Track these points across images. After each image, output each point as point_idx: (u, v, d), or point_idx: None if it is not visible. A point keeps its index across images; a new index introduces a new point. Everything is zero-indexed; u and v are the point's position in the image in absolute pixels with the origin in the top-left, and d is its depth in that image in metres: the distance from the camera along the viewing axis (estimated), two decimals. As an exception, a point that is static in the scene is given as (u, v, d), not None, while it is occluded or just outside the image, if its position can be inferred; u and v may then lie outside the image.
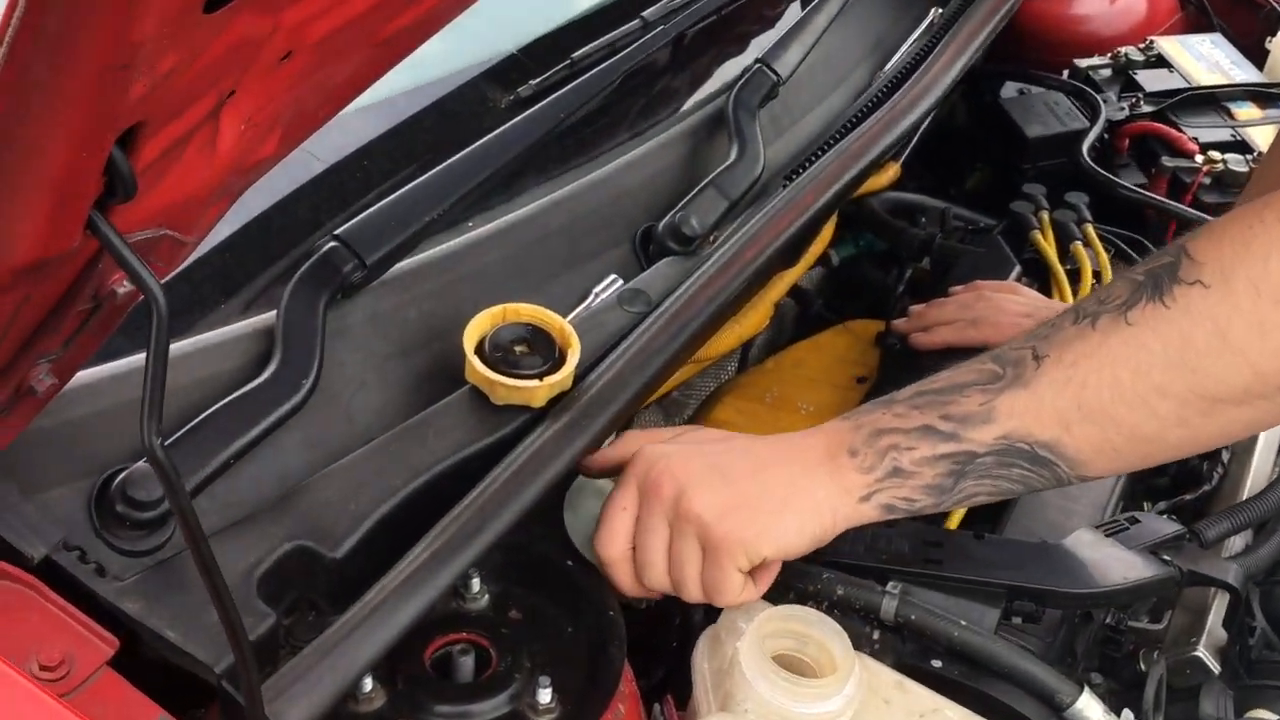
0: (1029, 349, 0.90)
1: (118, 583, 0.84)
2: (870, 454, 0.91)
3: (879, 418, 0.93)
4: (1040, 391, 0.87)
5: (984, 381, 0.90)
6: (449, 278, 1.06)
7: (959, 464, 0.89)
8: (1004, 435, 0.88)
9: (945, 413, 0.90)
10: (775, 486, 0.91)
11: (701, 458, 0.94)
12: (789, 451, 0.94)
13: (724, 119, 1.25)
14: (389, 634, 0.81)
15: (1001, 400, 0.88)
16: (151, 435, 0.63)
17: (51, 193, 0.56)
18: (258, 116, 0.74)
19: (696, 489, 0.91)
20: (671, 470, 0.92)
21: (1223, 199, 1.66)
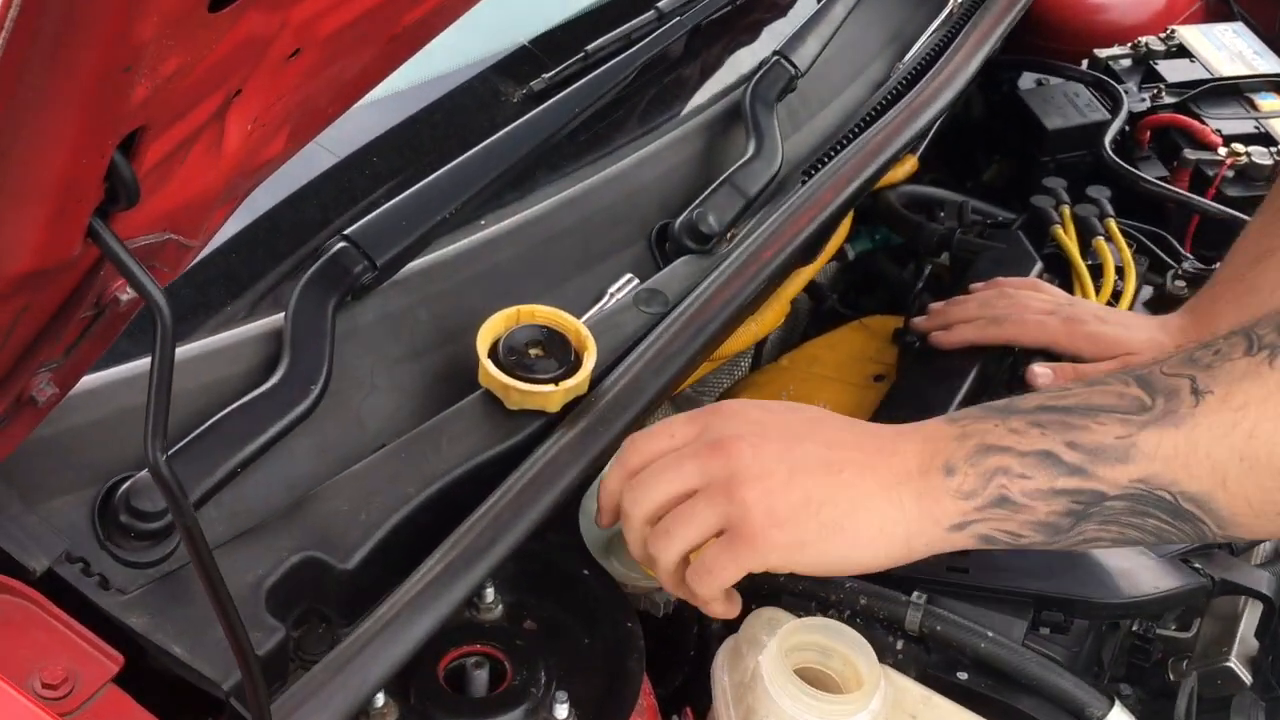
0: (1187, 379, 0.76)
1: (122, 596, 0.81)
2: (972, 475, 0.78)
3: (991, 429, 0.80)
4: (1196, 435, 0.74)
5: (1126, 409, 0.77)
6: (461, 277, 1.03)
7: (1082, 504, 0.77)
8: (1143, 479, 0.75)
9: (1073, 439, 0.77)
10: (842, 499, 0.81)
11: (779, 441, 0.84)
12: (875, 456, 0.83)
13: (741, 113, 1.22)
14: (402, 650, 0.79)
15: (1145, 436, 0.75)
16: (155, 451, 0.60)
17: (50, 201, 0.54)
18: (265, 116, 0.72)
19: (757, 476, 0.82)
20: (742, 442, 0.83)
21: (1246, 192, 1.62)
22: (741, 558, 0.84)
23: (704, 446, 0.85)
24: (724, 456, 0.83)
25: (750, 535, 0.82)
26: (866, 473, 0.82)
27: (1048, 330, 1.28)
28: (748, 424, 0.85)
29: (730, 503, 0.83)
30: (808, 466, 0.82)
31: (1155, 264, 1.49)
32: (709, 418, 0.87)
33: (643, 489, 0.86)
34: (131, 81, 0.49)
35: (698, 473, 0.84)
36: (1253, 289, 1.20)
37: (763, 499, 0.82)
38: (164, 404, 0.61)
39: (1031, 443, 0.78)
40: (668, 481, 0.85)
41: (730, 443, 0.84)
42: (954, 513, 0.79)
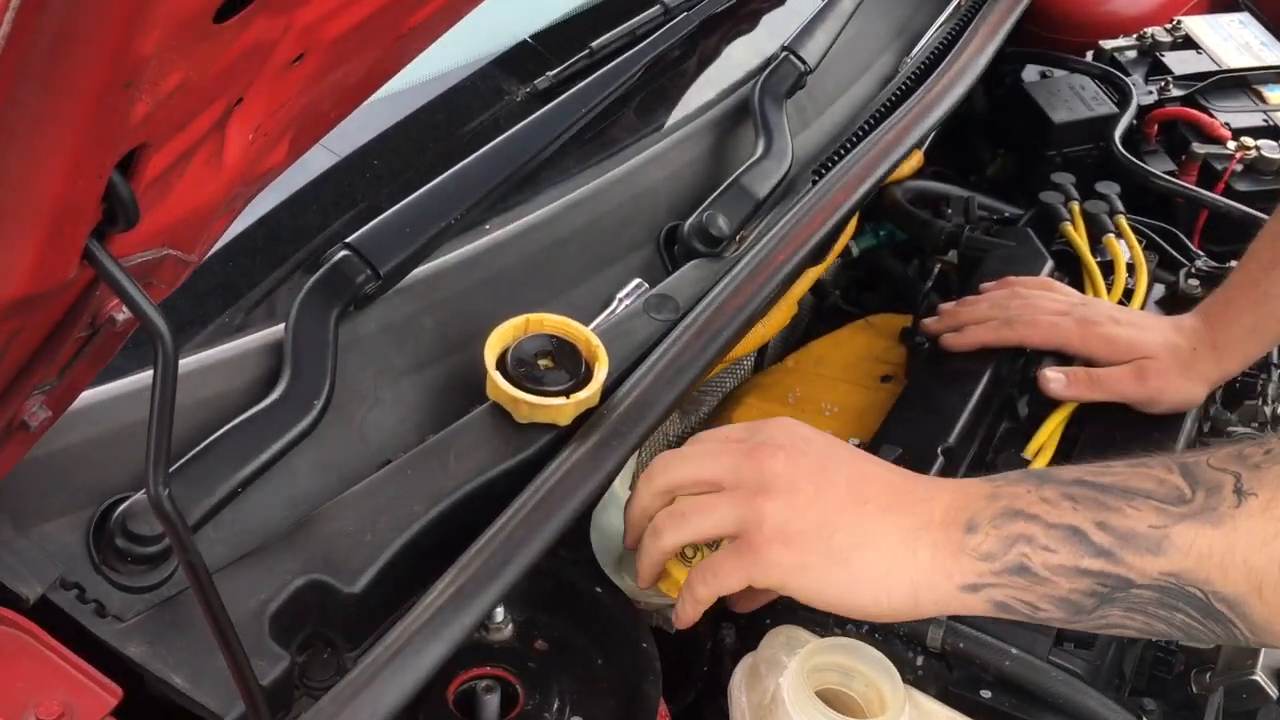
0: (1232, 476, 0.73)
1: (119, 623, 0.78)
2: (994, 537, 0.76)
3: (1022, 494, 0.77)
4: (1235, 538, 0.71)
5: (1164, 497, 0.73)
6: (465, 284, 1.00)
7: (1106, 587, 0.73)
8: (1173, 573, 0.72)
9: (1104, 519, 0.73)
10: (857, 531, 0.78)
11: (815, 461, 0.82)
12: (902, 498, 0.80)
13: (749, 110, 1.18)
14: (413, 679, 0.76)
15: (1181, 530, 0.72)
16: (157, 485, 0.57)
17: (45, 224, 0.50)
18: (267, 124, 0.68)
19: (782, 489, 0.80)
20: (780, 452, 0.82)
21: (1255, 186, 1.60)
22: (745, 566, 0.82)
23: (744, 448, 0.84)
24: (758, 462, 0.82)
25: (757, 546, 0.81)
26: (890, 513, 0.79)
27: (1061, 332, 1.25)
28: (793, 438, 0.84)
29: (750, 508, 0.81)
30: (834, 492, 0.80)
31: (1165, 261, 1.46)
32: (761, 424, 0.87)
33: (677, 462, 0.85)
34: (132, 98, 0.46)
35: (730, 468, 0.83)
36: (1268, 295, 1.18)
37: (780, 512, 0.80)
38: (165, 434, 0.57)
39: (1061, 516, 0.75)
40: (699, 464, 0.84)
41: (768, 450, 0.83)
42: (969, 572, 0.76)
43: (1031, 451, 1.20)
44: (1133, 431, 1.22)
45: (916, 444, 1.14)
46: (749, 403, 1.38)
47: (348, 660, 0.84)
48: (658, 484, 0.87)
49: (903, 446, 1.12)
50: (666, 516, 0.85)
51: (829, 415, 1.36)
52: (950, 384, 1.25)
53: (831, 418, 1.36)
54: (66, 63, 0.42)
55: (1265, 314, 1.19)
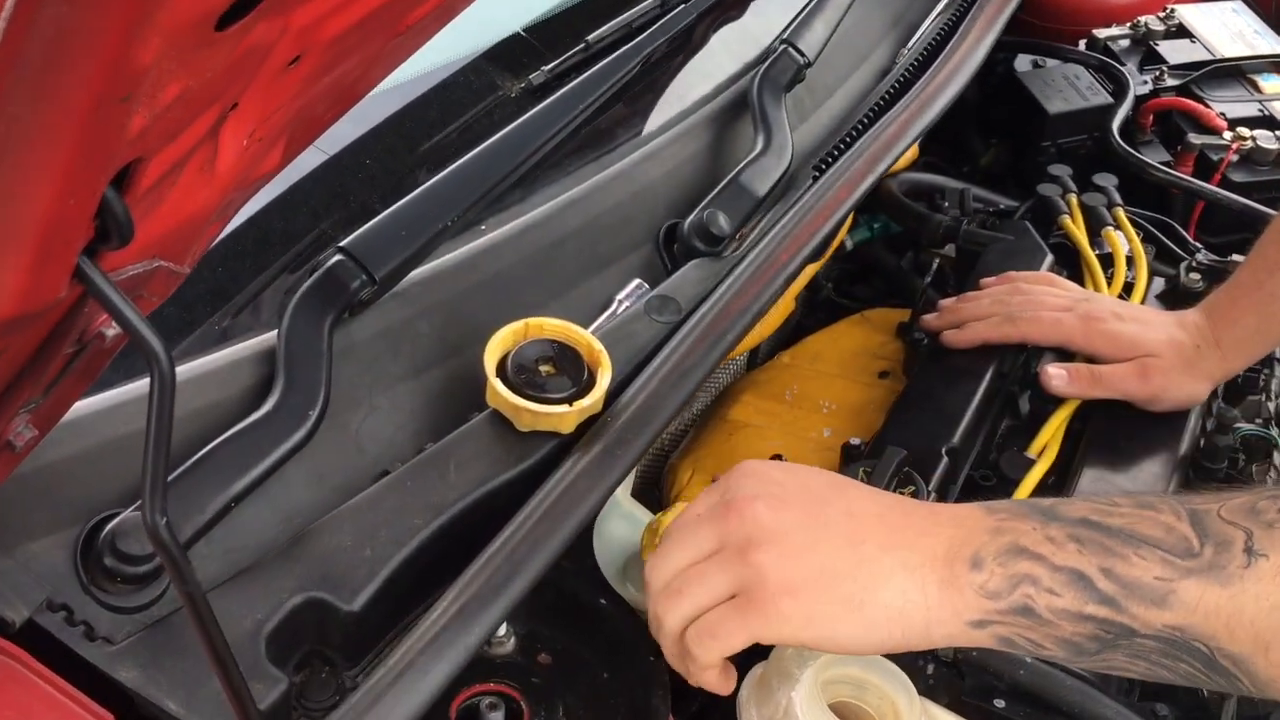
0: (1243, 532, 0.71)
1: (110, 646, 0.75)
2: (999, 575, 0.74)
3: (1027, 531, 0.75)
4: (1242, 600, 0.69)
5: (1171, 548, 0.71)
6: (461, 287, 0.97)
7: (1110, 633, 0.72)
8: (1178, 627, 0.70)
9: (1110, 566, 0.72)
10: (862, 574, 0.75)
11: (799, 505, 0.79)
12: (900, 533, 0.77)
13: (748, 104, 1.16)
14: (417, 701, 0.73)
15: (1187, 586, 0.70)
16: (154, 513, 0.54)
17: (34, 244, 0.47)
18: (262, 129, 0.65)
19: (772, 539, 0.77)
20: (758, 502, 0.78)
21: (1251, 177, 1.58)
22: (751, 624, 0.78)
23: (720, 508, 0.80)
24: (739, 517, 0.78)
25: (761, 602, 0.77)
26: (890, 550, 0.76)
27: (1064, 329, 1.23)
28: (766, 484, 0.80)
29: (744, 565, 0.77)
30: (828, 535, 0.77)
31: (1162, 253, 1.45)
32: (727, 480, 0.82)
33: (660, 557, 0.82)
34: (129, 112, 0.43)
35: (713, 536, 0.79)
36: (1273, 296, 1.17)
37: (777, 563, 0.77)
38: (163, 460, 0.54)
39: (1065, 558, 0.73)
40: (683, 547, 0.81)
41: (746, 503, 0.79)
42: (976, 609, 0.74)
43: (1035, 450, 1.18)
44: (1136, 429, 1.21)
45: (920, 445, 1.12)
46: (745, 400, 1.36)
47: (346, 679, 0.82)
48: (656, 591, 0.82)
49: (906, 448, 1.10)
50: (665, 600, 0.81)
51: (827, 412, 1.34)
52: (952, 382, 1.23)
53: (830, 415, 1.34)
54: (60, 75, 0.39)
55: (1270, 315, 1.18)
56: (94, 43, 0.39)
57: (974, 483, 1.16)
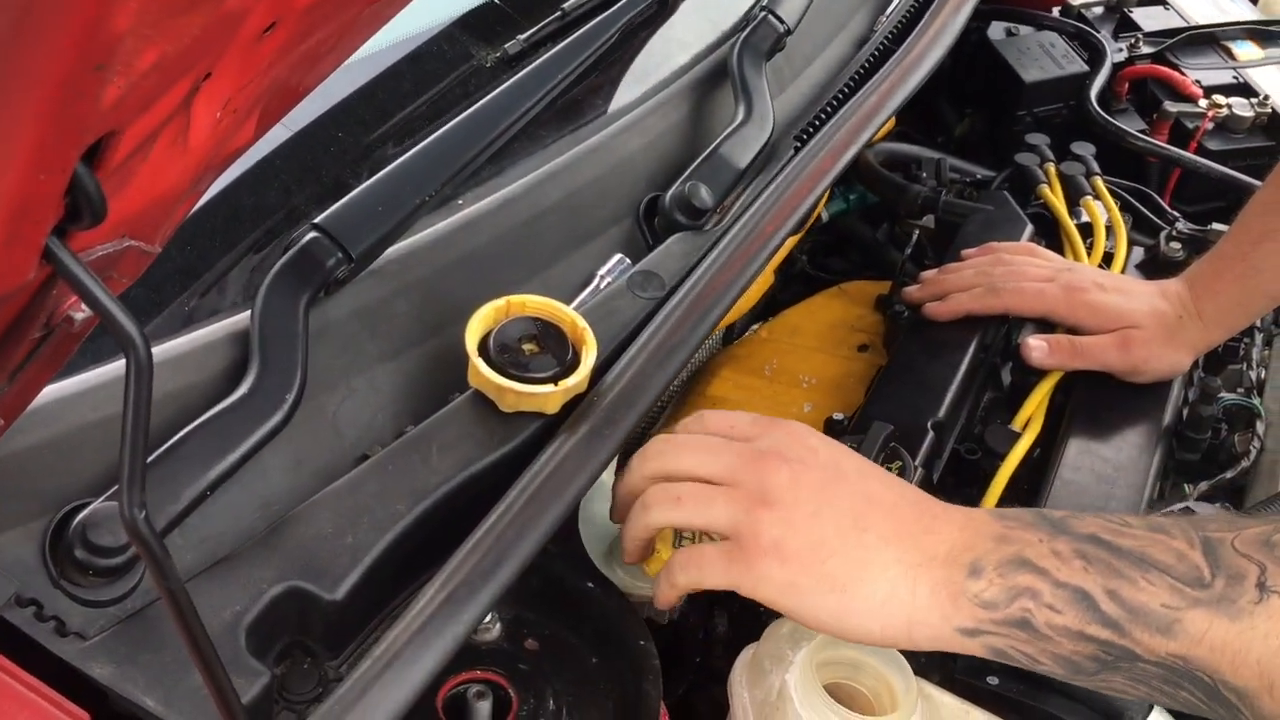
0: (1256, 567, 0.69)
1: (82, 641, 0.72)
2: (997, 585, 0.72)
3: (1034, 543, 0.73)
4: (1250, 637, 0.67)
5: (1181, 576, 0.70)
6: (439, 264, 0.94)
7: (1111, 656, 0.71)
8: (1182, 657, 0.69)
9: (1115, 588, 0.70)
10: (855, 558, 0.75)
11: (820, 476, 0.78)
12: (907, 526, 0.76)
13: (728, 73, 1.13)
14: (405, 692, 0.71)
15: (1195, 617, 0.69)
16: (133, 508, 0.51)
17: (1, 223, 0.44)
18: (236, 100, 0.62)
19: (783, 502, 0.76)
20: (785, 464, 0.78)
21: (1226, 145, 1.58)
22: (733, 572, 0.78)
23: (750, 450, 0.80)
24: (762, 468, 0.78)
25: (751, 557, 0.77)
26: (892, 541, 0.75)
27: (1047, 299, 1.22)
28: (801, 448, 0.80)
29: (747, 515, 0.78)
30: (834, 514, 0.77)
31: (1140, 222, 1.44)
32: (771, 428, 0.82)
33: (675, 449, 0.82)
34: (103, 81, 0.40)
35: (731, 469, 0.79)
36: (1255, 269, 1.16)
37: (777, 526, 0.76)
38: (140, 451, 0.51)
39: (1071, 575, 0.71)
40: (700, 458, 0.81)
41: (774, 459, 0.79)
42: (968, 617, 0.73)
43: (1019, 423, 1.17)
44: (1119, 399, 1.20)
45: (905, 419, 1.11)
46: (724, 375, 1.34)
47: (329, 670, 0.79)
48: (652, 467, 0.83)
49: (891, 422, 1.08)
50: (661, 493, 0.81)
51: (807, 387, 1.33)
52: (935, 355, 1.22)
53: (810, 389, 1.32)
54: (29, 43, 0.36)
55: (1251, 287, 1.17)
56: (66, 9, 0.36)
57: (959, 456, 1.15)
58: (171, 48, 0.43)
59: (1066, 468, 1.12)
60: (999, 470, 1.11)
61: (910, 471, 1.05)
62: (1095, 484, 1.11)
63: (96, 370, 0.78)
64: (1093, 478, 1.12)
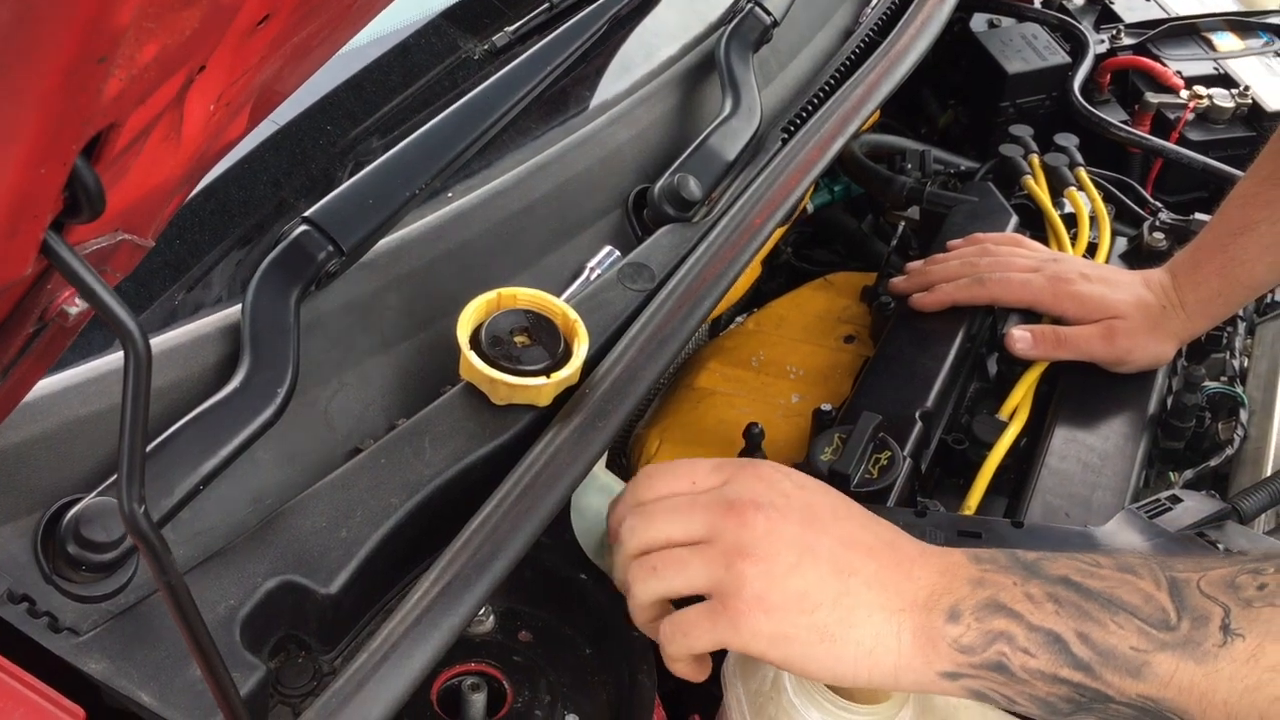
0: (1221, 609, 0.70)
1: (76, 637, 0.72)
2: (974, 631, 0.73)
3: (1008, 586, 0.74)
4: (1216, 680, 0.68)
5: (1148, 618, 0.71)
6: (429, 257, 0.94)
7: (1084, 697, 0.71)
8: (1152, 698, 0.70)
9: (1086, 631, 0.71)
10: (841, 607, 0.74)
11: (798, 523, 0.78)
12: (888, 571, 0.76)
13: (715, 65, 1.13)
14: (401, 686, 0.71)
15: (1162, 660, 0.70)
16: (132, 503, 0.51)
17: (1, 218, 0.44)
18: (229, 94, 0.62)
19: (763, 554, 0.76)
20: (760, 512, 0.77)
21: (1207, 136, 1.59)
22: (720, 631, 0.77)
23: (721, 502, 0.78)
24: (737, 521, 0.77)
25: (735, 613, 0.76)
26: (874, 587, 0.76)
27: (1033, 290, 1.23)
28: (772, 493, 0.79)
29: (727, 571, 0.77)
30: (816, 560, 0.76)
31: (1123, 213, 1.45)
32: (736, 472, 0.81)
33: (645, 520, 0.80)
34: (106, 74, 0.40)
35: (706, 526, 0.78)
36: (1235, 260, 1.17)
37: (760, 579, 0.76)
38: (139, 446, 0.51)
39: (1043, 619, 0.72)
40: (672, 523, 0.79)
41: (748, 508, 0.77)
42: (948, 662, 0.73)
43: (1006, 413, 1.18)
44: (1105, 389, 1.21)
45: (893, 409, 1.11)
46: (712, 367, 1.34)
47: (324, 664, 0.79)
48: (629, 548, 0.81)
49: (879, 412, 1.09)
50: (638, 569, 0.80)
51: (794, 378, 1.33)
52: (922, 346, 1.22)
53: (797, 380, 1.33)
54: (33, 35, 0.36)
55: (1232, 278, 1.18)
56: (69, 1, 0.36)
57: (946, 446, 1.16)
58: (171, 41, 0.43)
59: (1053, 456, 1.13)
60: (986, 460, 1.11)
61: (899, 461, 1.05)
62: (1081, 473, 1.12)
63: (88, 364, 0.77)
64: (1079, 467, 1.13)
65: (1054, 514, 1.07)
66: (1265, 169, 1.18)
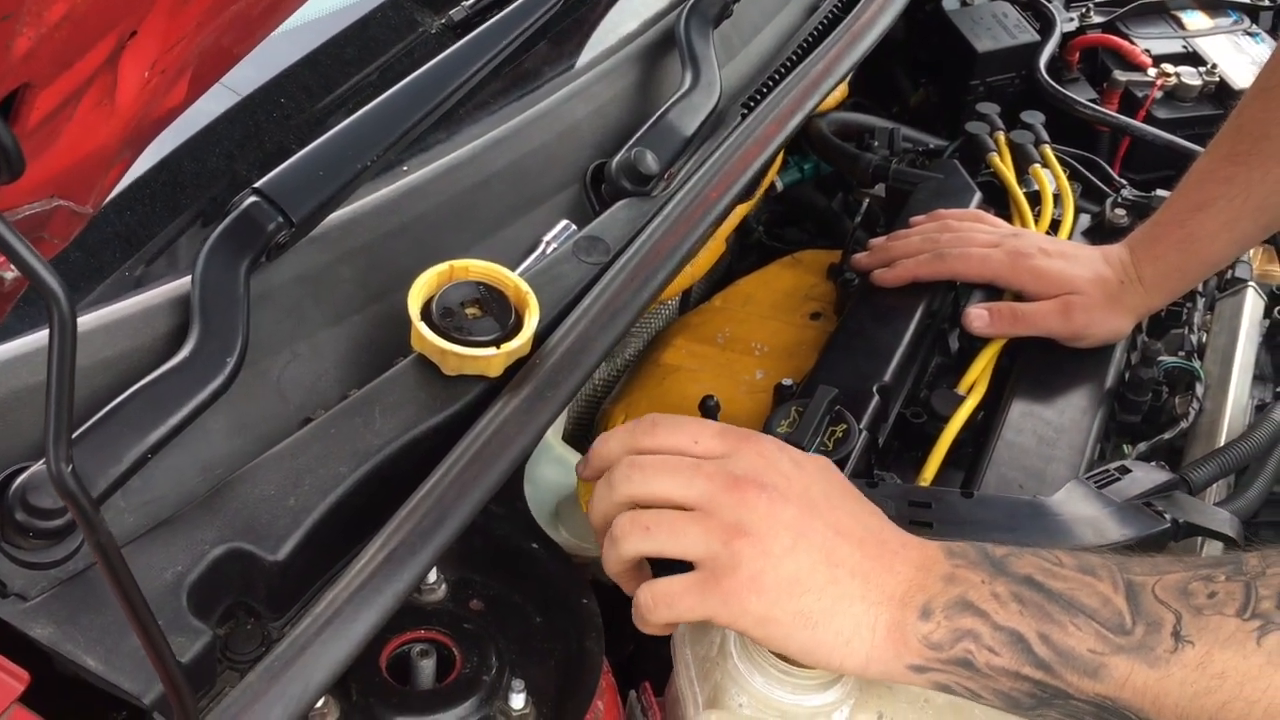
0: (1173, 615, 0.73)
1: (23, 602, 0.73)
2: (943, 628, 0.75)
3: (977, 584, 0.76)
4: (1168, 684, 0.71)
5: (1104, 621, 0.73)
6: (383, 230, 0.94)
7: (1045, 693, 0.74)
8: (1109, 698, 0.73)
9: (1047, 632, 0.74)
10: (827, 595, 0.76)
11: (797, 508, 0.79)
12: (872, 563, 0.78)
13: (675, 40, 1.14)
14: (345, 649, 0.71)
15: (1117, 663, 0.72)
16: (59, 460, 0.52)
17: (-86, 178, 0.44)
18: (164, 60, 0.62)
19: (760, 535, 0.77)
20: (762, 492, 0.78)
21: (1175, 114, 1.60)
22: (709, 605, 0.78)
23: (724, 475, 0.80)
24: (739, 498, 0.78)
25: (727, 591, 0.77)
26: (858, 579, 0.77)
27: (991, 265, 1.24)
28: (775, 474, 0.80)
29: (724, 547, 0.78)
30: (809, 546, 0.78)
31: (1089, 190, 1.46)
32: (742, 445, 0.82)
33: (643, 473, 0.81)
34: (12, 32, 0.40)
35: (706, 496, 0.79)
36: (1193, 236, 1.18)
37: (755, 560, 0.77)
38: (66, 405, 0.52)
39: (1007, 618, 0.75)
40: (672, 483, 0.80)
41: (751, 487, 0.79)
42: (917, 656, 0.76)
43: (964, 387, 1.19)
44: (1064, 363, 1.22)
45: (851, 384, 1.12)
46: (678, 344, 1.35)
47: (273, 630, 0.80)
48: (620, 494, 0.82)
49: (837, 387, 1.10)
50: (630, 522, 0.81)
51: (759, 354, 1.34)
52: (882, 321, 1.23)
53: (762, 357, 1.34)
54: (-71, -9, 0.37)
55: (1190, 254, 1.19)
56: (-34, -44, 0.37)
57: (905, 420, 1.17)
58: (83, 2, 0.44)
59: (1009, 429, 1.14)
60: (942, 433, 1.12)
61: (855, 434, 1.06)
62: (1037, 445, 1.13)
63: (35, 334, 0.78)
64: (1035, 439, 1.14)
65: (1008, 486, 1.08)
66: (1225, 147, 1.18)
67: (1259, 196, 1.15)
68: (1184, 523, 0.98)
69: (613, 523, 0.82)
